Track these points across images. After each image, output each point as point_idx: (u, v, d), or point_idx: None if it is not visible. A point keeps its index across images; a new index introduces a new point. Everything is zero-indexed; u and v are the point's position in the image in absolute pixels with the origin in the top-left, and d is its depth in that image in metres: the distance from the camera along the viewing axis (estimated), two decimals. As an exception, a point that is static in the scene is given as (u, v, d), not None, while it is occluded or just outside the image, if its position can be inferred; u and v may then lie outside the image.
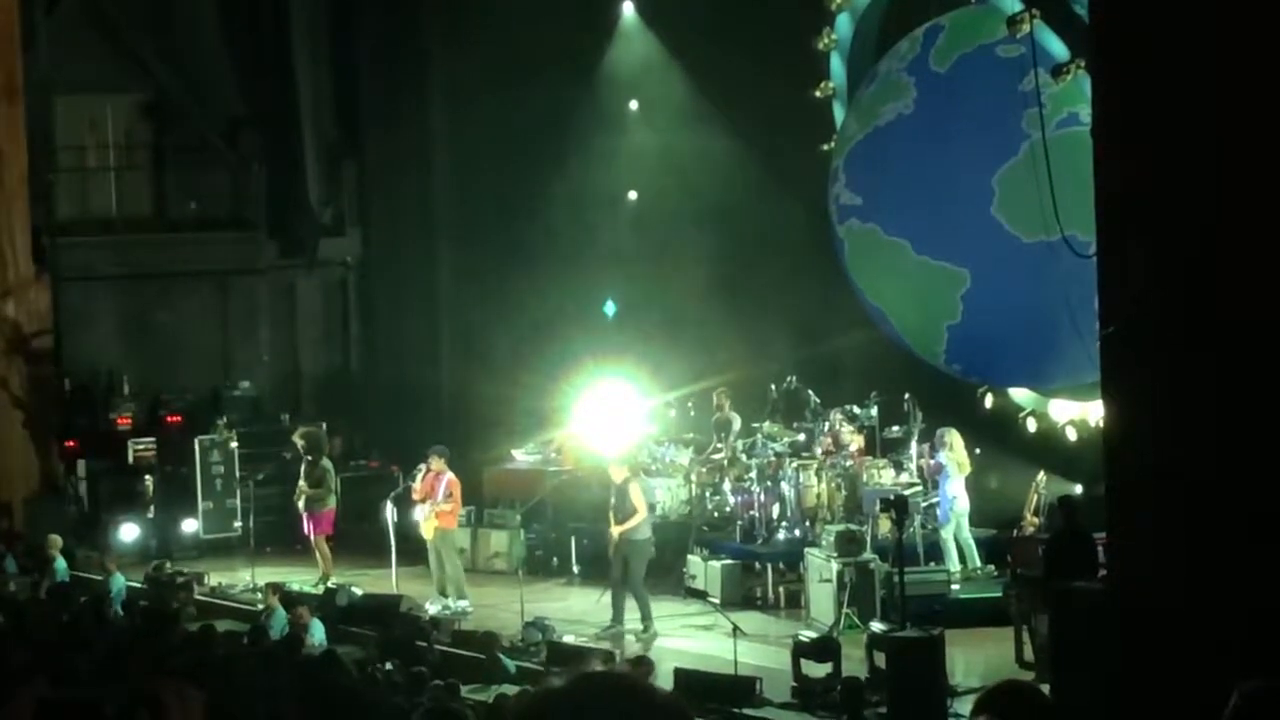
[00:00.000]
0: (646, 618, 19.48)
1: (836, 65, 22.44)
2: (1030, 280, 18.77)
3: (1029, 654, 17.21)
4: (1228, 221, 11.60)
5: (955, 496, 20.50)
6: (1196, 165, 11.68)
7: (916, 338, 20.70)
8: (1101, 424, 15.33)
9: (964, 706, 15.44)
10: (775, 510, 21.78)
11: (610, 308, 28.08)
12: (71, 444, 27.51)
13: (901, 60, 20.44)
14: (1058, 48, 18.51)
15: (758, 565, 21.46)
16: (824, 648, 16.93)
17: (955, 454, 20.60)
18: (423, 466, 21.47)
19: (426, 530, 21.25)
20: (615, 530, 19.67)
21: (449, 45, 28.63)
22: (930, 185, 19.43)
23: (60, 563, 22.10)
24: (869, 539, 19.99)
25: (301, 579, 22.29)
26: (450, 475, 21.43)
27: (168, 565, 22.70)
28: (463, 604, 20.90)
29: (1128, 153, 12.23)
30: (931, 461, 20.86)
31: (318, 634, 18.05)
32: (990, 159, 19.06)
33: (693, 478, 23.01)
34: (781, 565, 21.33)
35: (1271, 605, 11.22)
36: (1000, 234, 18.96)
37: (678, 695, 3.21)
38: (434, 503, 21.18)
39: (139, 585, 21.54)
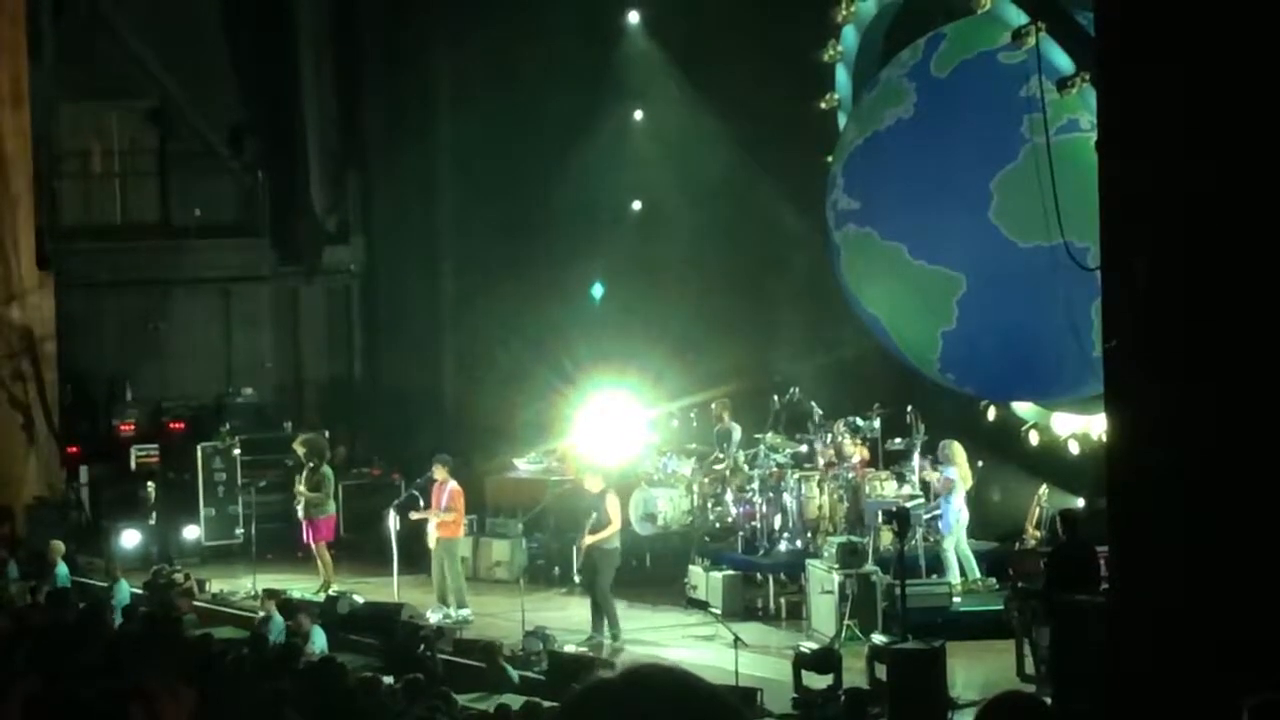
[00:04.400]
0: (611, 625, 19.51)
1: (842, 77, 22.43)
2: (1027, 286, 18.76)
3: (1030, 667, 17.18)
4: (1232, 234, 11.59)
5: (958, 509, 20.49)
6: (1201, 178, 11.67)
7: (911, 345, 20.67)
8: (1104, 437, 15.33)
9: (965, 719, 15.42)
10: (777, 521, 21.77)
11: (598, 290, 28.08)
12: (74, 450, 27.53)
13: (903, 67, 20.47)
14: (1063, 60, 18.50)
15: (759, 576, 21.44)
16: (825, 659, 16.91)
17: (959, 467, 20.59)
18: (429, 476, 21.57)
19: (430, 540, 21.30)
20: (585, 540, 19.75)
21: (453, 55, 28.64)
22: (928, 189, 19.42)
23: (62, 568, 22.09)
24: (870, 551, 19.97)
25: (303, 586, 22.29)
26: (453, 485, 21.44)
27: (168, 571, 22.66)
28: (464, 613, 20.89)
29: (1132, 165, 12.22)
30: (943, 477, 20.71)
31: (319, 641, 18.03)
32: (989, 164, 19.06)
33: (695, 488, 22.99)
34: (783, 576, 21.31)
35: (1274, 618, 11.20)
36: (997, 239, 18.96)
37: (730, 692, 3.16)
38: (435, 512, 21.23)
39: (140, 591, 21.52)
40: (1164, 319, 11.98)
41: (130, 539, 25.32)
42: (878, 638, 17.40)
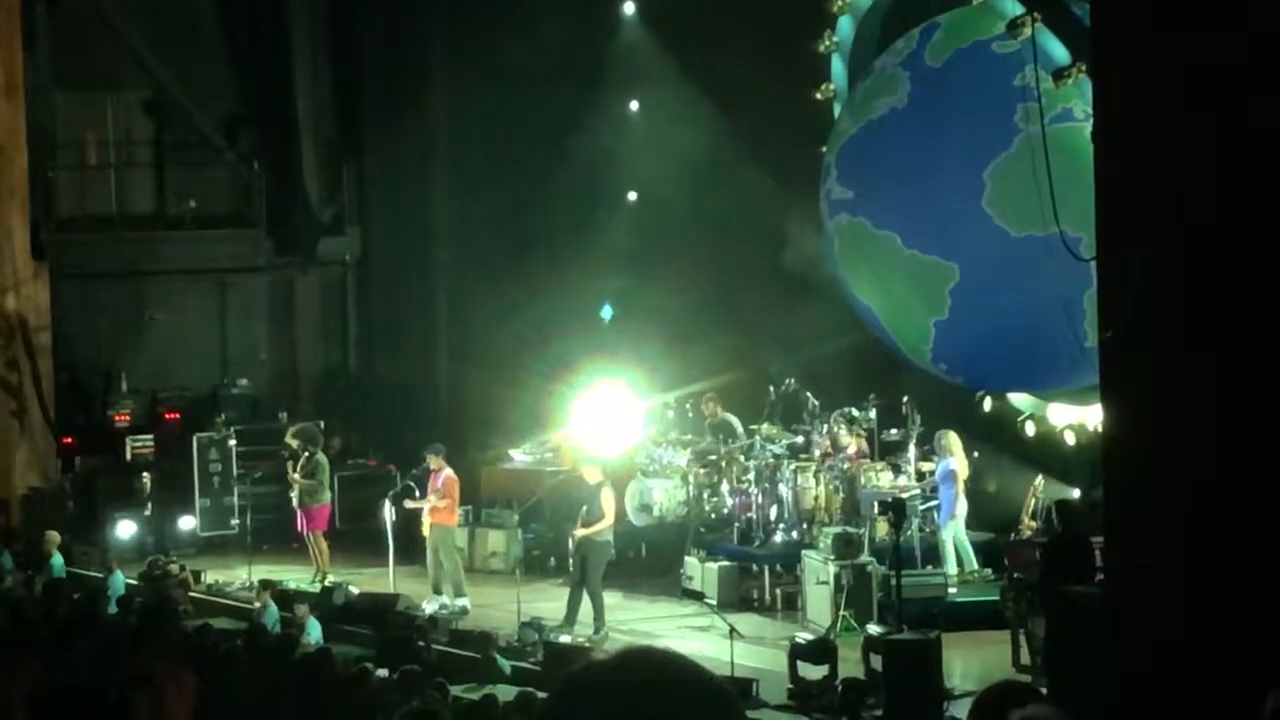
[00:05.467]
0: (598, 618, 19.47)
1: (838, 67, 22.42)
2: (1020, 276, 18.75)
3: (1025, 657, 17.20)
4: (1228, 224, 11.58)
5: (957, 500, 20.45)
6: (1197, 168, 11.66)
7: (903, 335, 20.65)
8: (1100, 428, 15.33)
9: (960, 710, 15.43)
10: (773, 512, 21.77)
11: (607, 311, 28.06)
12: (69, 440, 27.51)
13: (897, 56, 20.45)
14: (1059, 51, 18.49)
15: (755, 567, 21.46)
16: (821, 650, 16.93)
17: (956, 457, 20.57)
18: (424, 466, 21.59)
19: (425, 527, 21.30)
20: (579, 531, 19.73)
21: (449, 45, 28.61)
22: (921, 178, 19.41)
23: (57, 559, 22.08)
24: (866, 541, 19.99)
25: (299, 577, 22.31)
26: (448, 472, 21.45)
27: (163, 562, 22.64)
28: (461, 602, 20.87)
29: (1128, 155, 12.21)
30: (951, 468, 20.57)
31: (314, 632, 18.04)
32: (982, 153, 19.04)
33: (690, 479, 22.98)
34: (779, 567, 21.32)
35: (1272, 608, 11.20)
36: (990, 228, 18.95)
37: (724, 678, 3.16)
38: (430, 499, 21.25)
39: (135, 582, 21.51)
40: (1161, 309, 11.97)
41: (126, 530, 25.33)
42: (873, 628, 17.41)
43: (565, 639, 18.77)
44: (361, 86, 30.60)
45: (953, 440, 20.65)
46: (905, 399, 21.72)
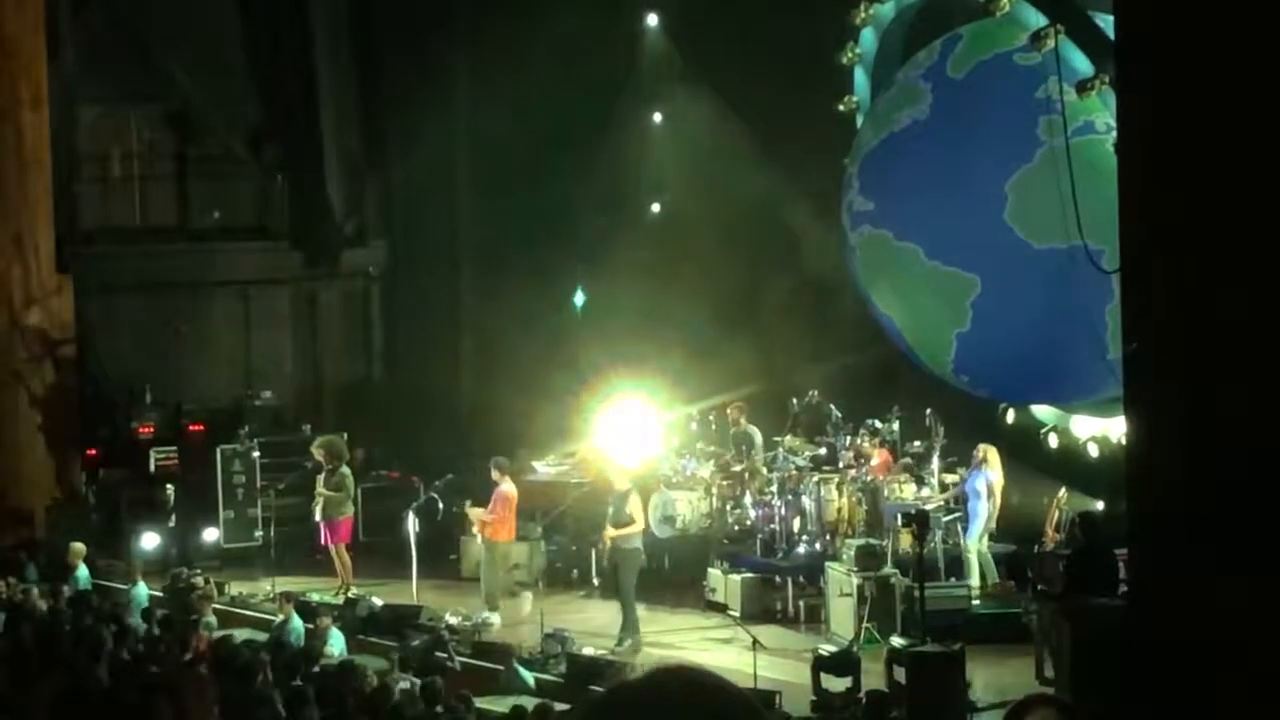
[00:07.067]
0: (625, 629, 19.43)
1: (860, 79, 22.43)
2: (1041, 288, 18.75)
3: (1049, 670, 17.16)
4: (1252, 235, 11.56)
5: (988, 514, 20.38)
6: (1222, 180, 11.64)
7: (925, 347, 20.64)
8: (1124, 440, 15.31)
9: (983, 722, 15.43)
10: (796, 524, 21.74)
11: (580, 298, 28.12)
12: (93, 452, 27.55)
13: (919, 68, 20.47)
14: (1081, 63, 18.48)
15: (778, 579, 21.43)
16: (844, 662, 16.90)
17: (996, 470, 20.48)
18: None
19: (479, 539, 21.41)
20: (609, 533, 19.71)
21: (472, 57, 28.66)
22: (943, 190, 19.42)
23: (82, 571, 22.10)
24: (889, 553, 19.95)
25: (321, 589, 22.31)
26: (501, 486, 21.30)
27: (187, 574, 22.67)
28: (485, 615, 20.84)
29: (1152, 168, 12.20)
30: (990, 480, 20.47)
31: (337, 644, 18.05)
32: (1004, 165, 19.05)
33: (714, 490, 22.97)
34: (802, 579, 21.29)
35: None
36: (1012, 240, 18.94)
37: (752, 695, 3.17)
38: (476, 512, 21.31)
39: (159, 594, 21.54)
40: (1186, 321, 11.95)
41: (149, 541, 25.33)
42: (896, 640, 17.38)
43: (600, 652, 18.78)
44: (384, 99, 30.66)
45: (993, 453, 20.58)
46: (929, 411, 21.68)
